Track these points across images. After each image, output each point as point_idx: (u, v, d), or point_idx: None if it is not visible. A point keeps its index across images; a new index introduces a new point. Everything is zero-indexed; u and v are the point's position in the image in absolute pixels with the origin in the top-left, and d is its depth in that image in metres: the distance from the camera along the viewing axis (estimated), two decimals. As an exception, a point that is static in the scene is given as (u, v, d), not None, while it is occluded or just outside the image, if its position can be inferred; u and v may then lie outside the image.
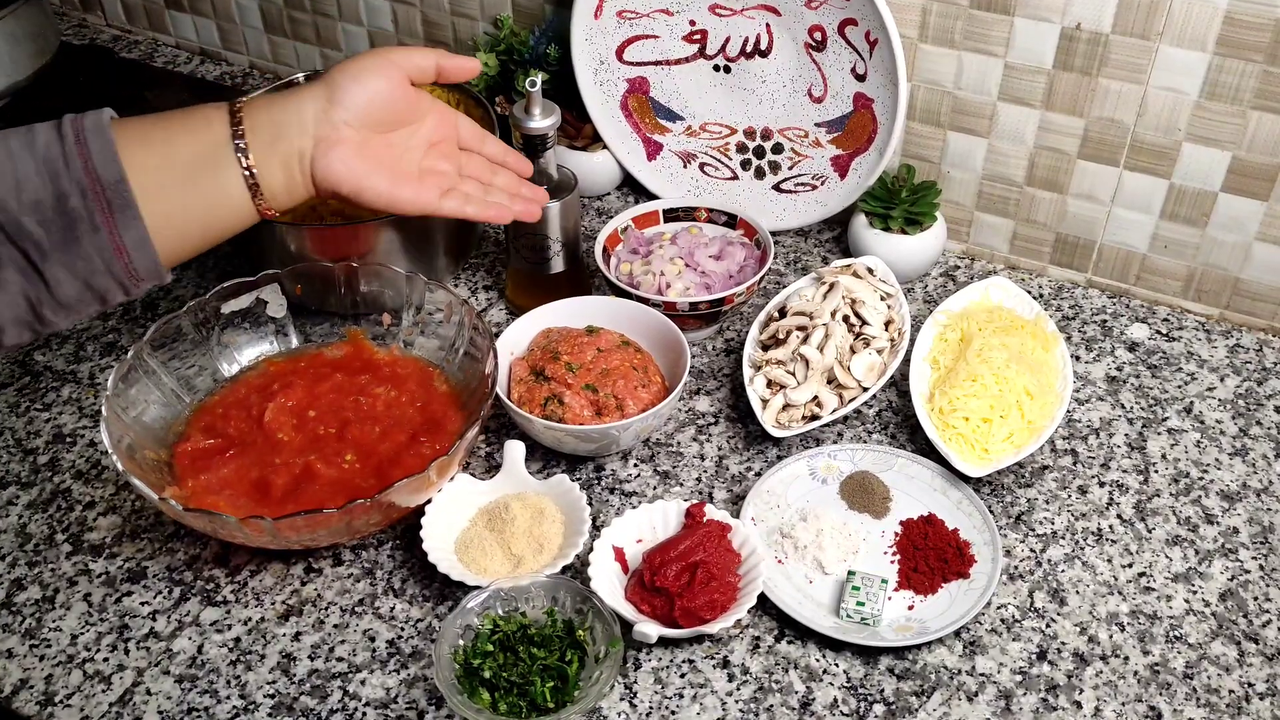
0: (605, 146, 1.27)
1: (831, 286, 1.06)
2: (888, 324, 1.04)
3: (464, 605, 0.84)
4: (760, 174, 1.23)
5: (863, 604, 0.87)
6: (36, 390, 1.10)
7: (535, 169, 1.06)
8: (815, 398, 0.99)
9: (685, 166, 1.26)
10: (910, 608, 0.88)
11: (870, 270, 1.09)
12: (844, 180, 1.18)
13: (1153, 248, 1.12)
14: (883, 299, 1.06)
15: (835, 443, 1.01)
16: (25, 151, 0.73)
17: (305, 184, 0.83)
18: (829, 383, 1.01)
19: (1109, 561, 0.92)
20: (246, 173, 0.79)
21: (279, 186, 0.81)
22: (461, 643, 0.83)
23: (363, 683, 0.85)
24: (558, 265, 1.11)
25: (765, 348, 1.05)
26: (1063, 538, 0.94)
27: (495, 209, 0.92)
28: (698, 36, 1.17)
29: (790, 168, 1.21)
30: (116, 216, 0.75)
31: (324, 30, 1.46)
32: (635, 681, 0.85)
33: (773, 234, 1.17)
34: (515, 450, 0.97)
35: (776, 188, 1.23)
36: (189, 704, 0.84)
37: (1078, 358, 1.10)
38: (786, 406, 0.99)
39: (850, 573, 0.89)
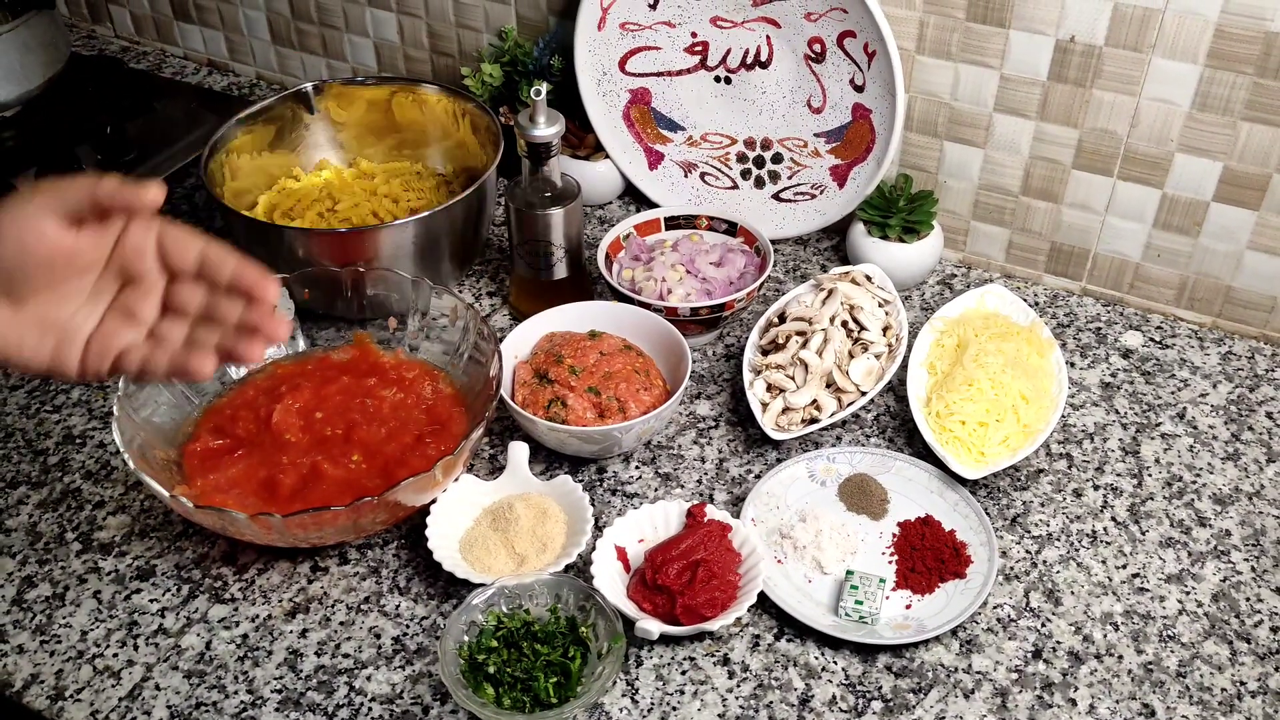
0: (607, 156, 1.29)
1: (830, 293, 1.08)
2: (885, 330, 1.06)
3: (469, 602, 0.85)
4: (760, 183, 1.25)
5: (861, 603, 0.88)
6: (47, 392, 1.11)
7: (539, 176, 1.08)
8: (814, 401, 1.01)
9: (686, 176, 1.28)
10: (908, 607, 0.90)
11: (868, 277, 1.11)
12: (842, 189, 1.20)
13: (1146, 256, 1.14)
14: (880, 305, 1.08)
15: (834, 445, 1.03)
16: None
17: None
18: (828, 387, 1.02)
19: (1103, 563, 0.94)
20: None
21: None
22: (466, 639, 0.84)
23: (369, 678, 0.87)
24: (561, 271, 1.13)
25: (765, 352, 1.07)
26: (1058, 539, 0.95)
27: (195, 360, 0.71)
28: (699, 48, 1.19)
29: (789, 177, 1.23)
30: None
31: (330, 42, 1.49)
32: (637, 678, 0.86)
33: (772, 242, 1.19)
34: (519, 451, 0.98)
35: (776, 197, 1.24)
36: (198, 699, 0.86)
37: (1073, 364, 1.11)
38: (786, 410, 1.01)
39: (849, 572, 0.90)
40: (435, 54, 1.42)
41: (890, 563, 0.93)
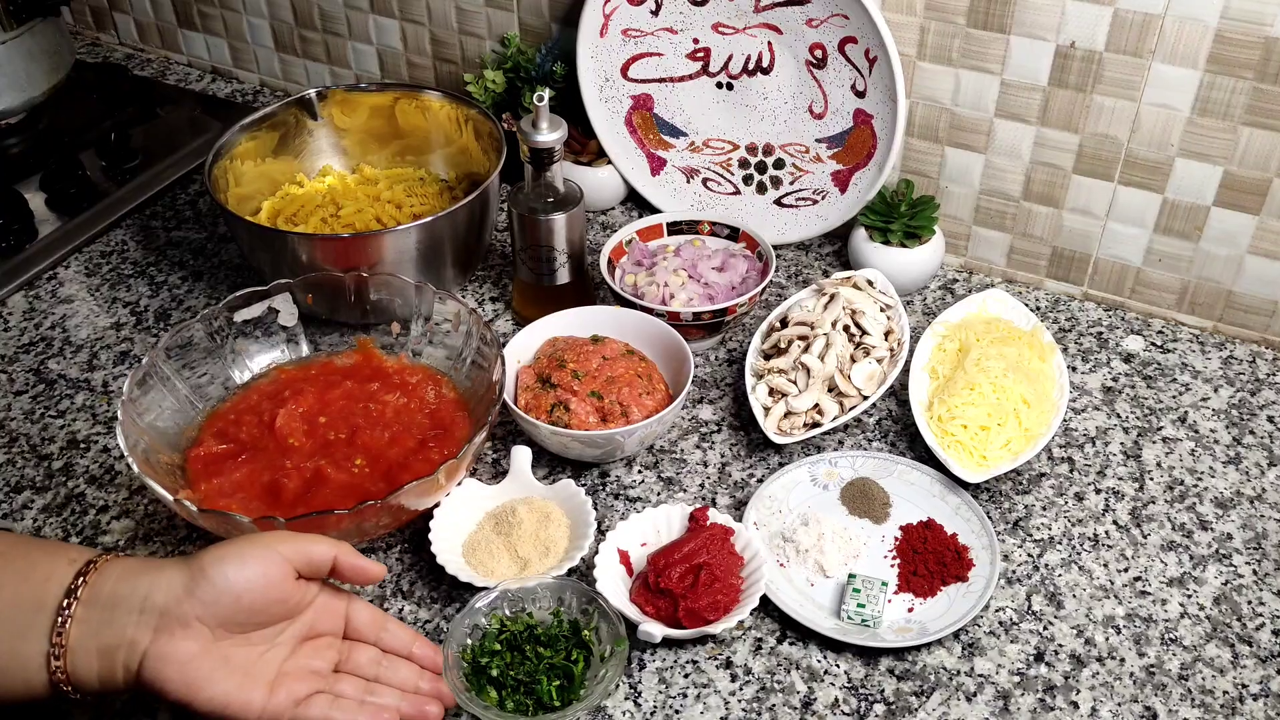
0: (610, 162, 1.30)
1: (832, 298, 1.08)
2: (887, 334, 1.06)
3: (472, 605, 0.85)
4: (762, 189, 1.25)
5: (863, 606, 0.88)
6: (51, 397, 1.12)
7: (542, 182, 1.09)
8: (816, 405, 1.01)
9: (688, 181, 1.28)
10: (910, 610, 0.90)
11: (870, 282, 1.11)
12: (844, 195, 1.20)
13: (1147, 261, 1.15)
14: (882, 310, 1.08)
15: (836, 450, 1.03)
16: None
17: (126, 679, 0.69)
18: (830, 391, 1.02)
19: (1105, 566, 0.94)
20: (51, 648, 0.68)
21: (89, 673, 0.69)
22: (470, 642, 0.84)
23: (372, 682, 0.87)
24: (563, 277, 1.13)
25: (767, 357, 1.07)
26: (1059, 543, 0.95)
27: (371, 714, 0.75)
28: (701, 54, 1.20)
29: (791, 183, 1.23)
30: None
31: (334, 49, 1.49)
32: (640, 681, 0.86)
33: (774, 247, 1.20)
34: (522, 456, 0.99)
35: (778, 202, 1.25)
36: (201, 702, 0.86)
37: (1074, 369, 1.12)
38: (788, 414, 1.01)
39: (851, 575, 0.90)
40: (438, 60, 1.42)
41: (892, 566, 0.93)
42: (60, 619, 0.68)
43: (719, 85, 1.21)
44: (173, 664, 0.68)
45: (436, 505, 0.94)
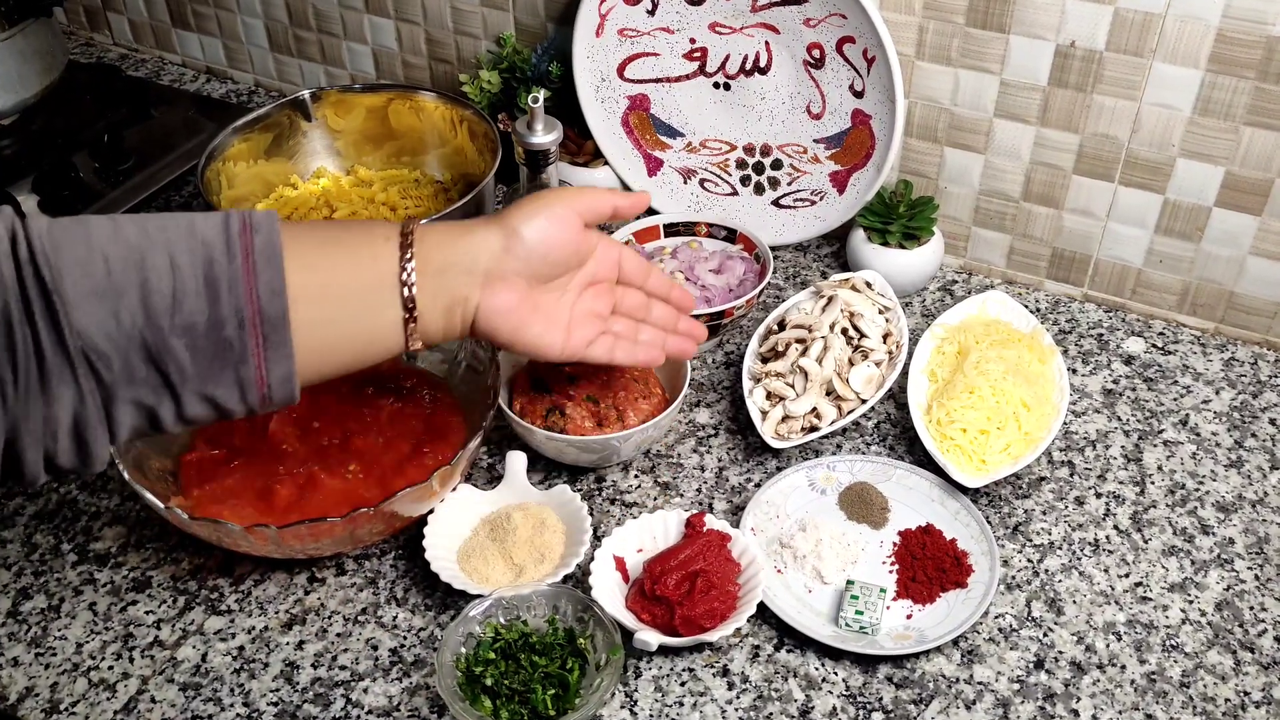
0: (606, 163, 1.29)
1: (830, 300, 1.07)
2: (886, 337, 1.05)
3: (466, 613, 0.84)
4: (759, 190, 1.24)
5: (861, 613, 0.87)
6: (43, 402, 1.11)
7: (538, 183, 1.08)
8: (814, 409, 1.00)
9: (685, 182, 1.27)
10: (909, 617, 0.89)
11: (868, 284, 1.10)
12: (842, 196, 1.20)
13: (1148, 262, 1.14)
14: (881, 312, 1.07)
15: (834, 454, 1.02)
16: (189, 263, 0.68)
17: (463, 329, 0.80)
18: (828, 394, 1.02)
19: (1106, 572, 0.93)
20: (407, 314, 0.76)
21: (436, 329, 0.79)
22: (464, 650, 0.84)
23: (365, 691, 0.86)
24: (559, 279, 1.12)
25: (765, 360, 1.06)
26: (1060, 548, 0.95)
27: (645, 351, 0.90)
28: (698, 54, 1.19)
29: (789, 183, 1.22)
30: (269, 352, 0.70)
31: (328, 49, 1.48)
32: (636, 689, 0.85)
33: (772, 249, 1.19)
34: (517, 461, 0.98)
35: (775, 203, 1.24)
36: (193, 711, 0.85)
37: (1074, 371, 1.11)
38: (786, 418, 1.00)
39: (849, 582, 0.90)
40: (433, 61, 1.42)
41: (891, 572, 0.92)
42: (407, 290, 0.76)
43: (716, 85, 1.20)
44: (500, 314, 0.80)
45: (431, 511, 0.93)
